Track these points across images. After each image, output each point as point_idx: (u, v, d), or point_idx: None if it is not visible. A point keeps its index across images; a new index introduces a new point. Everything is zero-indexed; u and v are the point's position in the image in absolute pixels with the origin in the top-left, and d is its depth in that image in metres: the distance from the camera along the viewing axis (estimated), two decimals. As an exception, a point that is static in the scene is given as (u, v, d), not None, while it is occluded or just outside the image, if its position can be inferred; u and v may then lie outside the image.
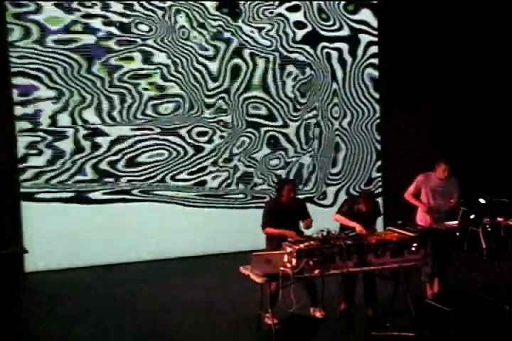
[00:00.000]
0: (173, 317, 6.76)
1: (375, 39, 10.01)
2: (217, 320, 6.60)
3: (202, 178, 9.36)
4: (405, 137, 10.11)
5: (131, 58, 8.90)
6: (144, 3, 8.86)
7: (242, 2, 9.29)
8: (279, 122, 9.63)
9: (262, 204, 7.61)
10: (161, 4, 8.94)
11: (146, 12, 8.91)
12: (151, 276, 8.38)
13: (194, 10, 9.09)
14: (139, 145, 9.03)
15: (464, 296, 6.86)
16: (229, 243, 9.19)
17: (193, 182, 9.32)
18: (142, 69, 8.96)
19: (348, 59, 9.89)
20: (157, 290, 7.75)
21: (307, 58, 9.68)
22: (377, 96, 10.08)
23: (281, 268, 5.83)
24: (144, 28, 8.92)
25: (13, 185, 8.52)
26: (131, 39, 8.88)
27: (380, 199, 9.23)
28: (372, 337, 5.95)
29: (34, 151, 8.60)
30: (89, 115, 8.79)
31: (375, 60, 10.03)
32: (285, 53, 9.57)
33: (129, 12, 8.85)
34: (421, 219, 7.15)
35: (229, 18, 9.24)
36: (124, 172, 9.01)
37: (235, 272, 6.37)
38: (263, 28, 9.43)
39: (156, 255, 9.03)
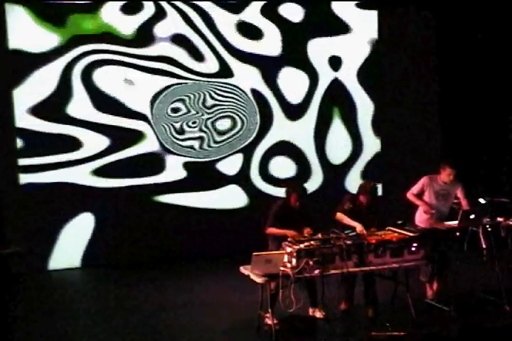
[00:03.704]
0: (172, 318, 6.76)
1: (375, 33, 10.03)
2: (218, 320, 6.60)
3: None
4: (406, 137, 10.12)
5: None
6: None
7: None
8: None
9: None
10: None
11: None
12: (150, 277, 8.37)
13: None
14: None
15: (464, 296, 6.85)
16: (229, 243, 9.18)
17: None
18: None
19: (347, 55, 9.90)
20: (157, 291, 7.75)
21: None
22: (377, 94, 10.09)
23: (281, 268, 5.84)
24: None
25: (14, 184, 8.52)
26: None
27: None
28: (372, 337, 5.94)
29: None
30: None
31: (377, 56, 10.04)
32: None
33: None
34: (420, 221, 7.14)
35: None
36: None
37: (235, 272, 6.37)
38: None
39: (156, 255, 9.02)
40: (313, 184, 9.68)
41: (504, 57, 9.88)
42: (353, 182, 9.76)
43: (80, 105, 8.75)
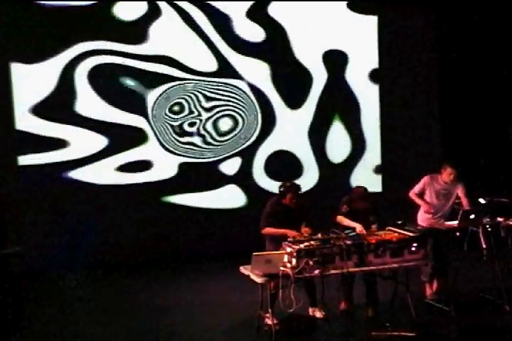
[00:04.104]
0: (173, 318, 6.76)
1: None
2: (218, 320, 6.60)
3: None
4: (406, 137, 10.12)
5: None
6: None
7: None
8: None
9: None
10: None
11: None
12: (150, 277, 8.38)
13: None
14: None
15: (464, 296, 6.85)
16: (229, 243, 9.19)
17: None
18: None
19: (347, 53, 9.91)
20: (157, 291, 7.75)
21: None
22: (377, 93, 10.09)
23: (281, 268, 5.83)
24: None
25: (14, 183, 8.51)
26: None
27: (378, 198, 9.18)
28: (372, 337, 5.94)
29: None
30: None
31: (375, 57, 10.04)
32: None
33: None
34: (422, 220, 7.15)
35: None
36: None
37: (235, 272, 6.37)
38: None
39: (155, 256, 9.02)
40: (313, 182, 9.71)
41: (504, 59, 9.89)
42: (354, 181, 9.82)
43: (79, 104, 8.74)
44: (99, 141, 8.85)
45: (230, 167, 9.45)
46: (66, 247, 8.66)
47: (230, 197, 9.48)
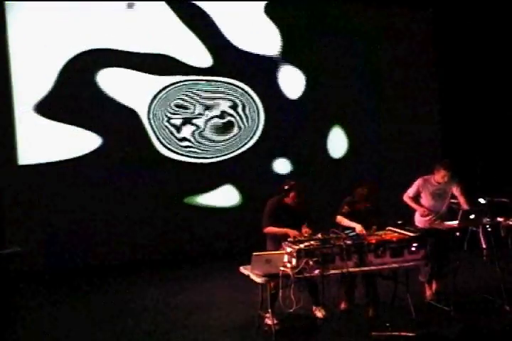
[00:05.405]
0: (173, 318, 6.76)
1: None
2: (218, 320, 6.60)
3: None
4: (405, 136, 10.13)
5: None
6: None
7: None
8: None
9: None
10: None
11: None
12: (150, 277, 8.38)
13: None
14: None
15: (464, 296, 6.85)
16: (228, 243, 9.19)
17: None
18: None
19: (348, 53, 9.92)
20: (157, 291, 7.74)
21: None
22: (378, 93, 10.11)
23: (281, 268, 5.83)
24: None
25: (14, 183, 8.51)
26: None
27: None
28: (373, 337, 5.94)
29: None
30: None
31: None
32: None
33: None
34: (419, 221, 7.14)
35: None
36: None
37: (235, 272, 6.37)
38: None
39: (155, 255, 9.02)
40: (313, 180, 9.73)
41: (503, 58, 9.90)
42: (354, 179, 9.82)
43: (78, 103, 8.74)
44: (96, 140, 8.84)
45: (230, 166, 9.45)
46: (66, 247, 8.68)
47: (229, 197, 9.48)
